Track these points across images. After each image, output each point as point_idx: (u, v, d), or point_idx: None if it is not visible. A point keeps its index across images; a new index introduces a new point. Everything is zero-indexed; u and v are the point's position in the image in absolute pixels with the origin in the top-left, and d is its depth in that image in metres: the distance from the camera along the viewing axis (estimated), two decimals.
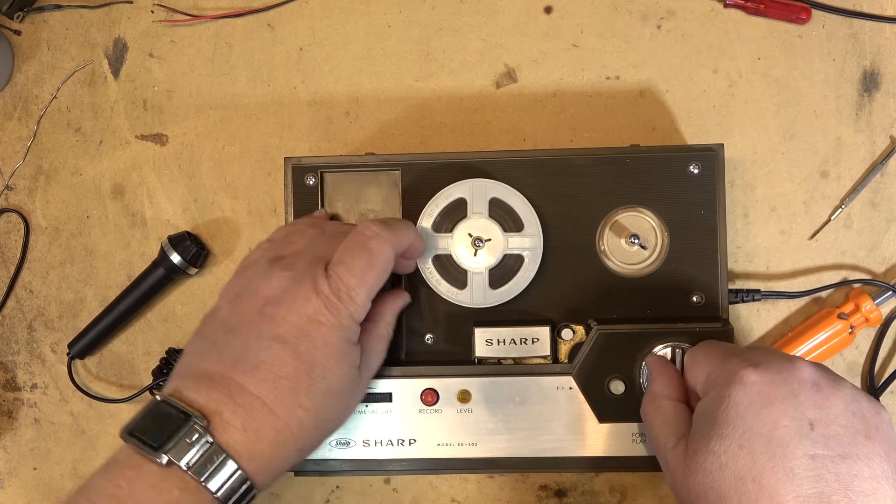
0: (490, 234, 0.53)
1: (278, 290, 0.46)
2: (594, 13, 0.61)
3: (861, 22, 0.60)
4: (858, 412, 0.41)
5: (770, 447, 0.40)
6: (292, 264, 0.47)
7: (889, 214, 0.59)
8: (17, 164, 0.63)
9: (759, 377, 0.41)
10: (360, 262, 0.46)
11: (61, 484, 0.63)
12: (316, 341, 0.45)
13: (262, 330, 0.45)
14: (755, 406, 0.41)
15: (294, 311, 0.45)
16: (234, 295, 0.47)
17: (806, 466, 0.39)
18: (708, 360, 0.45)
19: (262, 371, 0.44)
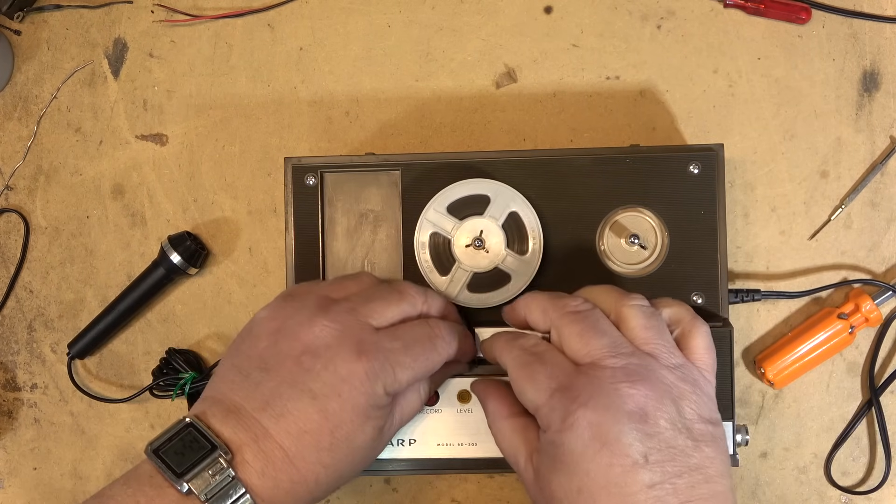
0: (494, 242, 0.53)
1: (320, 342, 0.45)
2: (594, 13, 0.61)
3: (861, 22, 0.60)
4: (683, 425, 0.42)
5: (608, 488, 0.40)
6: (339, 317, 0.46)
7: (889, 214, 0.59)
8: (17, 164, 0.63)
9: (588, 419, 0.41)
10: (419, 349, 0.47)
11: (61, 484, 0.63)
12: (345, 403, 0.44)
13: (296, 379, 0.44)
14: (589, 451, 0.41)
15: (330, 370, 0.45)
16: (275, 328, 0.46)
17: (646, 496, 0.40)
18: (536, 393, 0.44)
19: (287, 421, 0.44)
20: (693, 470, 0.41)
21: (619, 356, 0.43)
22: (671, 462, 0.41)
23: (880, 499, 0.59)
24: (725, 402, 0.52)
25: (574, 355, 0.45)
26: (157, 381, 0.60)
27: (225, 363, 0.47)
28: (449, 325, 0.49)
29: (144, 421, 0.62)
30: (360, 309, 0.47)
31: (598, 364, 0.43)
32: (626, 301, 0.46)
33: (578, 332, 0.45)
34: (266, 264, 0.62)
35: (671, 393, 0.42)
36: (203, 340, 0.62)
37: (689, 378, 0.44)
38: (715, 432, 0.43)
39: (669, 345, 0.45)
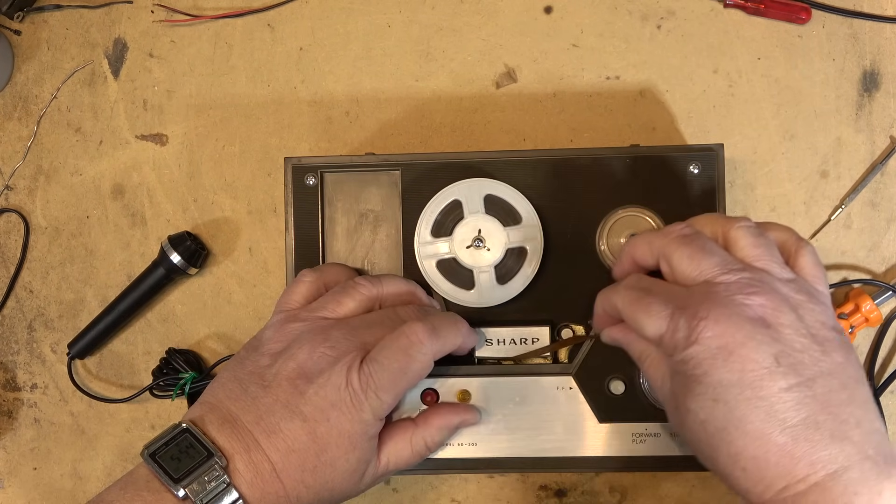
0: (490, 230, 0.53)
1: (315, 368, 0.47)
2: (594, 13, 0.61)
3: (861, 22, 0.60)
4: (806, 331, 0.41)
5: (744, 393, 0.40)
6: (337, 344, 0.47)
7: (889, 214, 0.59)
8: (17, 164, 0.63)
9: (717, 329, 0.41)
10: (396, 364, 0.47)
11: (61, 484, 0.63)
12: (332, 428, 0.46)
13: (290, 400, 0.46)
14: (719, 358, 0.40)
15: (321, 395, 0.46)
16: (277, 350, 0.48)
17: (784, 400, 0.39)
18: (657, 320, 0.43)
19: (278, 438, 0.46)
20: (827, 375, 0.40)
21: (731, 272, 0.43)
22: (802, 366, 0.40)
23: None
24: None
25: (685, 278, 0.44)
26: (157, 381, 0.60)
27: (226, 373, 0.49)
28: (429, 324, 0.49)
29: (144, 421, 0.62)
30: (357, 337, 0.48)
31: (712, 281, 0.43)
32: (733, 223, 0.45)
33: (688, 254, 0.44)
34: (266, 264, 0.62)
35: (789, 302, 0.42)
36: (203, 340, 0.62)
37: (804, 289, 0.43)
38: (841, 339, 0.42)
39: (780, 261, 0.44)
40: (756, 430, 0.39)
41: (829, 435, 0.39)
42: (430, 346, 0.48)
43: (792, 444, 0.39)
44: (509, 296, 0.53)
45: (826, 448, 0.39)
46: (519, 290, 0.53)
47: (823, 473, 0.39)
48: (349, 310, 0.50)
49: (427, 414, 0.52)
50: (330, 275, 0.53)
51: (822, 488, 0.38)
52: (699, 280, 0.43)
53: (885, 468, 0.39)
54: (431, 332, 0.48)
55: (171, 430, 0.46)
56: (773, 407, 0.39)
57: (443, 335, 0.49)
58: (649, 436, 0.53)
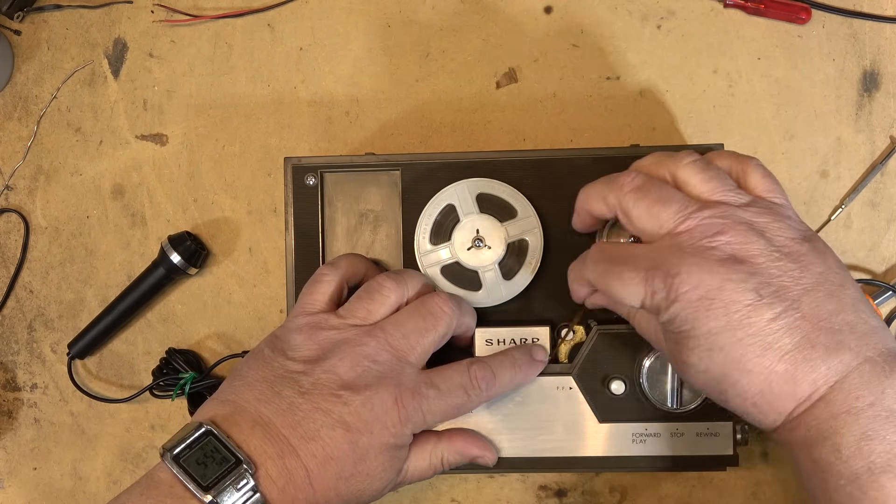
0: (488, 228, 0.53)
1: (360, 381, 0.46)
2: (594, 13, 0.61)
3: (861, 22, 0.60)
4: (779, 254, 0.41)
5: (735, 335, 0.40)
6: (377, 356, 0.47)
7: (889, 214, 0.59)
8: (17, 164, 0.63)
9: (690, 281, 0.41)
10: (455, 400, 0.48)
11: (61, 484, 0.63)
12: (374, 440, 0.46)
13: (332, 408, 0.45)
14: (702, 309, 0.41)
15: (368, 407, 0.46)
16: (311, 357, 0.47)
17: (774, 330, 0.40)
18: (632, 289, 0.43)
19: (316, 444, 0.45)
20: (811, 290, 0.41)
21: (690, 217, 0.43)
22: (785, 290, 0.40)
23: None
24: None
25: (647, 233, 0.44)
26: (157, 381, 0.60)
27: (251, 373, 0.47)
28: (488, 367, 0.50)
29: (144, 421, 0.62)
30: (398, 345, 0.48)
31: (674, 232, 0.43)
32: (679, 162, 0.45)
33: (645, 207, 0.44)
34: (266, 264, 0.62)
35: (754, 229, 0.42)
36: (203, 340, 0.62)
37: (765, 209, 0.43)
38: (814, 247, 0.42)
39: (734, 188, 0.44)
40: (756, 366, 0.40)
41: (824, 350, 0.39)
42: (486, 394, 0.49)
43: (793, 369, 0.40)
44: (517, 290, 0.53)
45: (825, 362, 0.39)
46: (519, 290, 0.53)
47: (826, 388, 0.39)
48: (379, 315, 0.49)
49: (452, 434, 0.52)
50: (349, 269, 0.52)
51: (825, 401, 0.39)
52: (661, 233, 0.43)
53: (886, 366, 0.39)
54: (491, 380, 0.49)
55: (192, 430, 0.44)
56: (765, 339, 0.40)
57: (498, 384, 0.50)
58: (649, 436, 0.53)
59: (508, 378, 0.50)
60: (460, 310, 0.50)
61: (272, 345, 0.49)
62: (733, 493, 0.59)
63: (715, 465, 0.53)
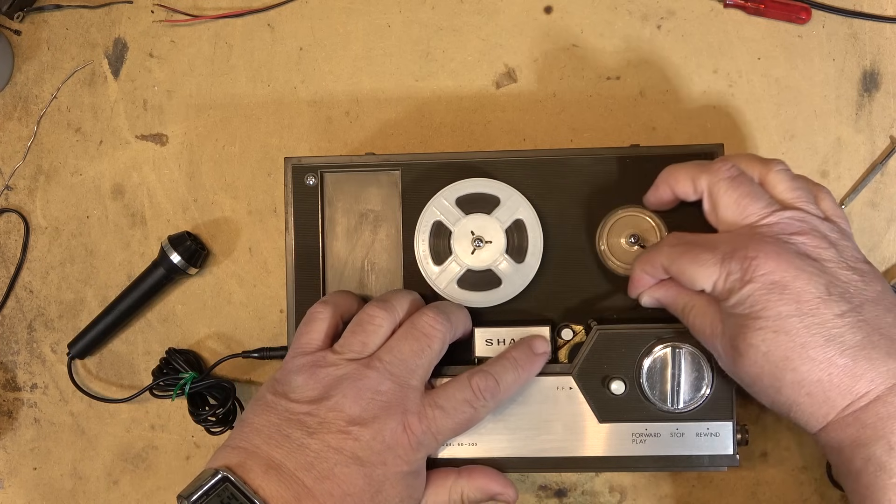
0: (481, 226, 0.53)
1: (367, 414, 0.47)
2: (594, 13, 0.61)
3: (861, 22, 0.60)
4: (846, 265, 0.45)
5: (803, 321, 0.43)
6: (379, 386, 0.47)
7: (889, 214, 0.59)
8: (17, 164, 0.63)
9: (766, 266, 0.43)
10: (462, 416, 0.48)
11: (61, 484, 0.63)
12: (389, 470, 0.46)
13: (342, 446, 0.46)
14: (775, 293, 0.43)
15: (379, 440, 0.46)
16: (315, 397, 0.47)
17: (840, 325, 0.42)
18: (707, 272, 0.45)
19: (331, 483, 0.45)
20: (872, 302, 0.44)
21: (773, 214, 0.46)
22: (850, 295, 0.43)
23: None
24: (725, 402, 0.52)
25: (728, 222, 0.47)
26: (157, 381, 0.60)
27: (257, 419, 0.47)
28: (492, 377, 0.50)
29: (144, 421, 0.62)
30: (397, 371, 0.48)
31: (757, 224, 0.46)
32: (772, 167, 0.48)
33: (736, 198, 0.46)
34: (266, 264, 0.62)
35: (828, 239, 0.45)
36: (203, 340, 0.62)
37: (836, 228, 0.47)
38: (873, 270, 0.46)
39: (814, 202, 0.48)
40: (818, 354, 0.42)
41: (885, 352, 0.42)
42: (491, 403, 0.49)
43: (853, 364, 0.42)
44: (535, 268, 0.53)
45: (885, 364, 0.42)
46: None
47: (884, 387, 0.42)
48: (374, 345, 0.49)
49: (472, 470, 0.52)
50: (342, 304, 0.52)
51: (882, 401, 0.42)
52: (743, 224, 0.46)
53: None
54: (495, 389, 0.49)
55: (208, 477, 0.44)
56: (831, 331, 0.42)
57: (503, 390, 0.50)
58: (649, 436, 0.52)
59: (512, 380, 0.50)
60: (451, 320, 0.50)
61: (273, 389, 0.49)
62: (733, 493, 0.59)
63: (715, 465, 0.53)
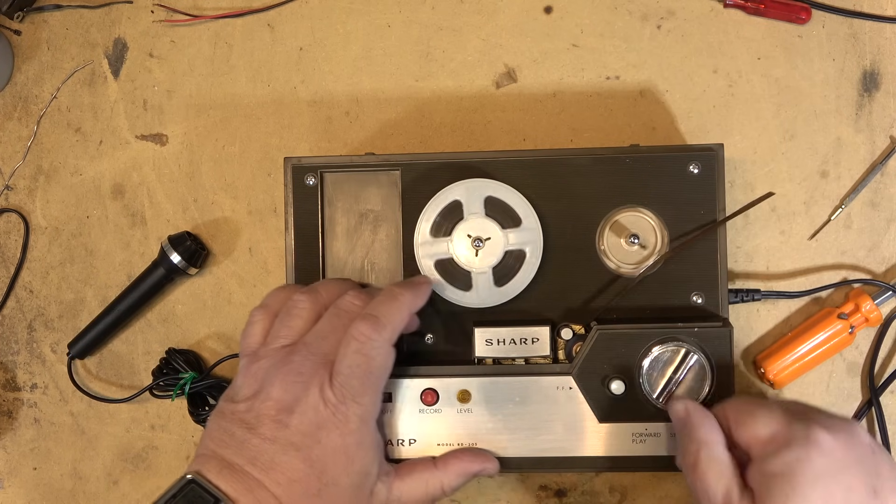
0: (489, 232, 0.53)
1: (291, 397, 0.47)
2: (594, 13, 0.61)
3: (861, 22, 0.60)
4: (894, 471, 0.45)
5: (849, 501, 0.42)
6: (301, 367, 0.48)
7: (889, 214, 0.59)
8: (17, 164, 0.63)
9: (834, 442, 0.44)
10: (358, 368, 0.48)
11: (61, 484, 0.63)
12: (326, 448, 0.47)
13: (278, 435, 0.47)
14: (832, 470, 0.43)
15: (305, 421, 0.47)
16: (251, 393, 0.49)
17: None
18: (772, 419, 0.45)
19: (276, 472, 0.46)
20: None
21: None
22: None
23: None
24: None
25: None
26: (157, 381, 0.60)
27: (212, 424, 0.49)
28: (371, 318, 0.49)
29: (144, 421, 0.62)
30: (318, 350, 0.49)
31: None
32: None
33: None
34: (266, 264, 0.62)
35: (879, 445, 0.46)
36: (203, 340, 0.62)
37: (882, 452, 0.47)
38: None
39: None
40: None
41: None
42: (380, 338, 0.49)
43: None
44: (507, 297, 0.53)
45: None
46: (518, 290, 0.53)
47: None
48: (300, 329, 0.50)
49: (448, 458, 0.52)
50: (276, 304, 0.53)
51: None
52: None
53: None
54: (375, 323, 0.49)
55: (177, 483, 0.47)
56: None
57: (387, 319, 0.49)
58: (649, 436, 0.53)
59: (394, 311, 0.50)
60: (377, 300, 0.50)
61: (225, 395, 0.51)
62: None
63: None
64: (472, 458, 0.52)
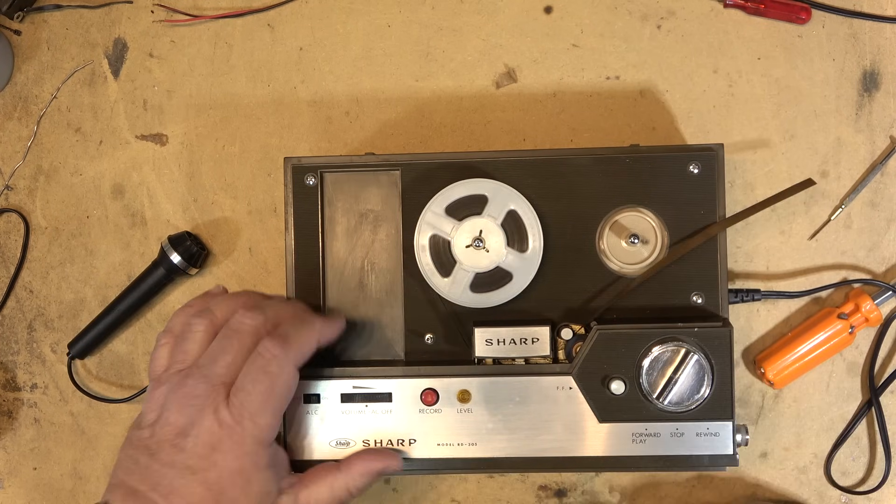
0: (494, 242, 0.53)
1: (185, 420, 0.48)
2: (594, 13, 0.61)
3: (861, 22, 0.60)
4: None
5: None
6: (195, 390, 0.48)
7: (889, 214, 0.59)
8: (17, 164, 0.63)
9: None
10: (261, 386, 0.48)
11: (61, 484, 0.63)
12: (222, 471, 0.47)
13: (175, 459, 0.47)
14: None
15: (200, 443, 0.47)
16: (154, 418, 0.49)
17: None
18: None
19: (176, 497, 0.47)
20: None
21: None
22: None
23: (880, 499, 0.59)
24: (725, 402, 0.52)
25: None
26: None
27: (121, 453, 0.50)
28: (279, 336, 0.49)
29: None
30: (210, 372, 0.49)
31: None
32: None
33: None
34: (266, 264, 0.62)
35: None
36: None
37: None
38: None
39: None
40: None
41: None
42: (286, 357, 0.49)
43: None
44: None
45: None
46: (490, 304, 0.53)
47: None
48: (195, 353, 0.50)
49: (350, 460, 0.52)
50: (178, 326, 0.53)
51: None
52: None
53: None
54: (283, 342, 0.49)
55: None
56: None
57: (296, 340, 0.50)
58: (649, 436, 0.53)
59: (303, 334, 0.50)
60: (267, 314, 0.50)
61: (133, 423, 0.51)
62: (733, 493, 0.59)
63: (715, 465, 0.53)
64: (375, 457, 0.52)
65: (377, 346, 0.56)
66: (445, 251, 0.53)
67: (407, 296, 0.55)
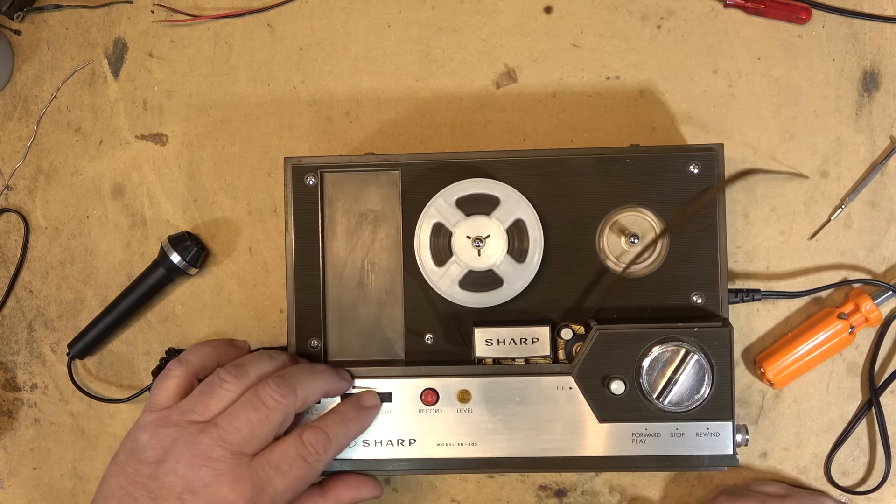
0: (495, 246, 0.53)
1: (198, 480, 0.47)
2: (594, 13, 0.61)
3: (861, 22, 0.60)
4: None
5: None
6: (212, 452, 0.48)
7: (889, 214, 0.59)
8: (17, 164, 0.63)
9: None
10: (297, 473, 0.49)
11: (61, 484, 0.63)
12: None
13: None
14: None
15: None
16: (156, 458, 0.48)
17: None
18: None
19: None
20: None
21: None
22: None
23: (880, 499, 0.59)
24: (725, 402, 0.52)
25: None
26: None
27: (112, 480, 0.49)
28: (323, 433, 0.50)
29: None
30: (231, 439, 0.48)
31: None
32: None
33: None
34: (266, 264, 0.62)
35: None
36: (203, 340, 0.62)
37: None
38: None
39: None
40: None
41: None
42: (326, 456, 0.50)
43: None
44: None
45: None
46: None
47: None
48: (217, 410, 0.50)
49: (336, 484, 0.53)
50: (196, 362, 0.53)
51: None
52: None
53: None
54: (326, 442, 0.50)
55: None
56: None
57: (335, 442, 0.51)
58: (649, 436, 0.53)
59: (343, 434, 0.51)
60: (297, 392, 0.50)
61: (125, 446, 0.50)
62: None
63: (715, 465, 0.53)
64: (357, 483, 0.54)
65: (377, 346, 0.56)
66: (445, 242, 0.53)
67: (407, 296, 0.55)
